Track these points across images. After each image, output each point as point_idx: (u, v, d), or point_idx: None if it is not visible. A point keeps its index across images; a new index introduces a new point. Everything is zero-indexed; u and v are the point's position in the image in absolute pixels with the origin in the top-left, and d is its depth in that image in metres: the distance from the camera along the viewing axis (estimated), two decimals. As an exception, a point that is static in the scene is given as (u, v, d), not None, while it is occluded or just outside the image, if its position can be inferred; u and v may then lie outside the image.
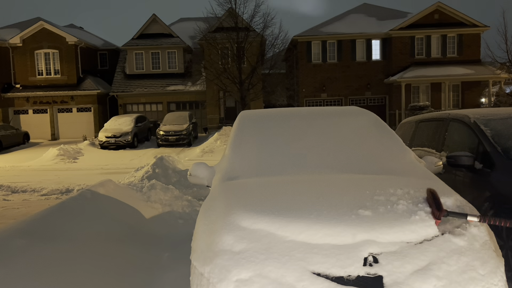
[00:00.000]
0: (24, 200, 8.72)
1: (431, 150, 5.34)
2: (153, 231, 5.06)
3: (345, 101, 25.90)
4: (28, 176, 12.51)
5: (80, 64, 27.01)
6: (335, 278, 2.06)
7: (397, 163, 3.30)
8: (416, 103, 22.65)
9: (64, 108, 26.80)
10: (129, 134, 19.93)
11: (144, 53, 27.04)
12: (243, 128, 3.87)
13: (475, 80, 23.93)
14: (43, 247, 3.30)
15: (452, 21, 24.83)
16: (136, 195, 5.93)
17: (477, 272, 2.12)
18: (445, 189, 2.78)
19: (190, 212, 6.09)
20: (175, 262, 4.08)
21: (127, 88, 26.64)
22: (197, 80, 25.90)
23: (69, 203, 4.48)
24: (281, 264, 2.11)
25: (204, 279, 2.23)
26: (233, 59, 23.24)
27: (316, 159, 3.31)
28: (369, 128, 3.80)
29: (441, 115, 5.49)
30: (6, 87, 26.42)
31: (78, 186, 9.88)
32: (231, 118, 24.82)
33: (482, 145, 4.28)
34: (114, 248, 4.04)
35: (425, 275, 2.06)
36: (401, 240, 2.16)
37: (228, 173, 3.24)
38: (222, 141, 18.38)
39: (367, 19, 26.98)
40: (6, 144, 21.02)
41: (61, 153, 16.99)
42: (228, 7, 23.13)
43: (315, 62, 25.81)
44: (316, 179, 2.89)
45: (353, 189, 2.63)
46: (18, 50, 26.39)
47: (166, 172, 9.09)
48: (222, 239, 2.28)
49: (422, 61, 24.89)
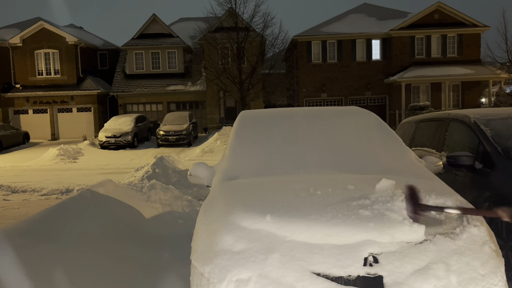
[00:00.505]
0: (24, 200, 8.71)
1: (431, 150, 5.33)
2: (153, 231, 5.06)
3: (345, 101, 25.89)
4: (28, 176, 12.51)
5: (80, 64, 27.01)
6: (335, 278, 2.06)
7: (397, 163, 3.30)
8: (416, 103, 22.65)
9: (64, 108, 26.80)
10: (129, 134, 19.93)
11: (144, 53, 27.03)
12: (243, 128, 3.87)
13: (475, 80, 23.93)
14: (43, 247, 3.30)
15: (452, 21, 24.82)
16: (136, 195, 5.92)
17: (477, 272, 2.12)
18: (445, 189, 2.78)
19: (190, 212, 6.09)
20: (175, 262, 4.08)
21: (127, 88, 26.64)
22: (197, 80, 25.90)
23: (69, 203, 4.48)
24: (281, 264, 2.11)
25: (204, 279, 2.23)
26: (233, 59, 23.24)
27: (316, 159, 3.31)
28: (369, 128, 3.80)
29: (441, 115, 5.49)
30: (6, 87, 26.42)
31: (78, 186, 9.88)
32: (231, 118, 24.80)
33: (482, 145, 4.28)
34: (114, 248, 4.04)
35: (425, 275, 2.06)
36: (401, 240, 2.15)
37: (228, 173, 3.24)
38: (222, 141, 18.38)
39: (367, 19, 26.98)
40: (6, 144, 21.02)
41: (61, 153, 16.99)
42: (228, 7, 23.15)
43: (315, 62, 25.80)
44: (316, 179, 2.89)
45: (353, 189, 2.63)
46: (18, 50, 26.39)
47: (166, 172, 9.09)
48: (222, 239, 2.28)
49: (422, 61, 24.88)
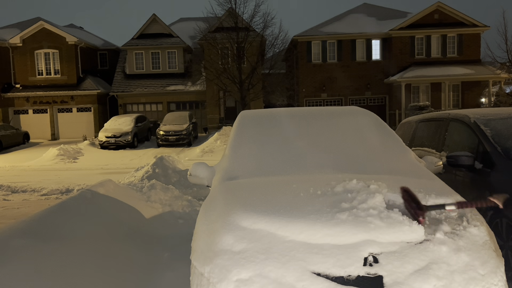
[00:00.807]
0: (24, 200, 8.71)
1: (431, 150, 5.33)
2: (153, 231, 5.06)
3: (345, 101, 25.89)
4: (28, 176, 12.51)
5: (80, 64, 27.00)
6: (335, 278, 2.06)
7: (397, 163, 3.31)
8: (416, 103, 22.64)
9: (64, 108, 26.80)
10: (129, 134, 19.93)
11: (144, 53, 27.03)
12: (243, 128, 3.87)
13: (475, 80, 23.93)
14: (43, 247, 3.30)
15: (452, 21, 24.82)
16: (136, 195, 5.92)
17: (477, 272, 2.12)
18: (445, 189, 2.78)
19: (190, 212, 6.09)
20: (175, 262, 4.08)
21: (127, 88, 26.64)
22: (197, 80, 25.90)
23: (69, 203, 4.48)
24: (281, 264, 2.10)
25: (204, 279, 2.23)
26: (233, 59, 23.24)
27: (316, 159, 3.31)
28: (369, 128, 3.81)
29: (441, 115, 5.49)
30: (6, 87, 26.42)
31: (78, 186, 9.88)
32: (231, 118, 24.80)
33: (482, 145, 4.28)
34: (114, 248, 4.04)
35: (425, 275, 2.06)
36: (401, 240, 2.15)
37: (228, 173, 3.24)
38: (222, 141, 18.38)
39: (367, 19, 26.97)
40: (6, 144, 21.02)
41: (61, 153, 16.99)
42: (228, 7, 23.15)
43: (315, 62, 25.80)
44: (316, 179, 2.89)
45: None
46: (18, 50, 26.38)
47: (166, 172, 9.09)
48: (222, 239, 2.28)
49: (422, 61, 24.87)
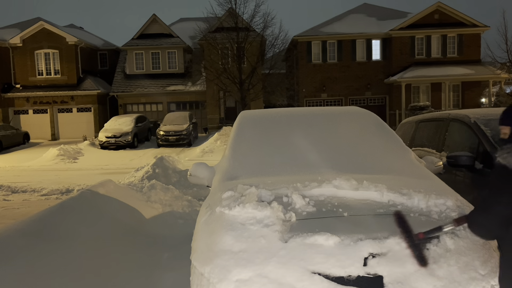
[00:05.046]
0: (24, 200, 8.71)
1: (431, 150, 5.33)
2: (153, 231, 5.06)
3: (345, 101, 25.89)
4: (28, 176, 12.50)
5: (80, 64, 27.00)
6: (335, 278, 2.06)
7: (397, 163, 3.31)
8: (416, 103, 22.65)
9: (64, 108, 26.79)
10: (129, 134, 19.92)
11: (144, 53, 27.03)
12: (243, 128, 3.87)
13: (475, 80, 23.93)
14: (43, 247, 3.30)
15: (452, 21, 24.82)
16: (136, 195, 5.92)
17: (477, 272, 2.12)
18: (445, 189, 2.78)
19: (190, 212, 6.09)
20: (175, 262, 4.08)
21: (127, 88, 26.63)
22: (197, 80, 25.90)
23: (69, 203, 4.48)
24: (281, 264, 2.10)
25: (204, 279, 2.23)
26: (233, 59, 23.23)
27: (316, 159, 3.31)
28: (369, 128, 3.81)
29: (441, 115, 5.48)
30: (6, 87, 26.42)
31: (78, 186, 9.88)
32: (231, 118, 24.79)
33: (482, 145, 4.28)
34: (114, 248, 4.04)
35: (425, 275, 2.06)
36: (401, 240, 2.15)
37: (228, 173, 3.24)
38: (222, 141, 18.38)
39: (367, 19, 26.98)
40: (6, 144, 21.01)
41: (61, 153, 16.99)
42: (228, 7, 23.15)
43: (315, 62, 25.80)
44: (316, 179, 2.89)
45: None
46: (18, 50, 26.38)
47: (166, 172, 9.10)
48: (222, 239, 2.28)
49: (422, 61, 24.88)
